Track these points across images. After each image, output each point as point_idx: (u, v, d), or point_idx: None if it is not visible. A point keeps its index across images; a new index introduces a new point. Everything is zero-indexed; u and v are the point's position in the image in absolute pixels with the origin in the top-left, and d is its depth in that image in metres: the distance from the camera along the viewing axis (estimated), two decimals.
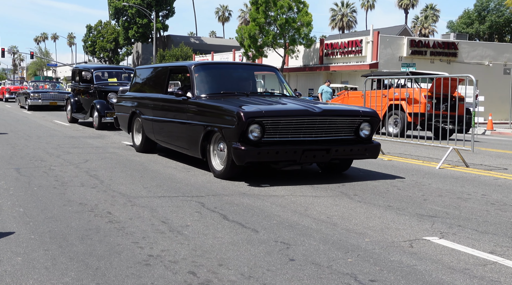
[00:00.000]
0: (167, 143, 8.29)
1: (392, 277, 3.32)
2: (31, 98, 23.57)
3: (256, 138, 6.18)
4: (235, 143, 6.21)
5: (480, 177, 7.52)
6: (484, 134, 19.30)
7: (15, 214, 4.72)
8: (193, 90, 7.54)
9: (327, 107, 6.81)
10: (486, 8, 52.96)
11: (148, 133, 8.93)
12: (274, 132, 6.32)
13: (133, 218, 4.63)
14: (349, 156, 6.82)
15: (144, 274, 3.27)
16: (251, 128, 6.15)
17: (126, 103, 10.00)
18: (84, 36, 69.82)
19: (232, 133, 6.22)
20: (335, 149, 6.52)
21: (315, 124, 6.46)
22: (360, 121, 6.77)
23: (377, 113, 7.00)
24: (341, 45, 32.74)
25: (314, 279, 3.25)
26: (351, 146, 6.70)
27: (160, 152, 9.31)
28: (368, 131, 6.84)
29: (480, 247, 3.99)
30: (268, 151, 6.17)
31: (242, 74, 8.66)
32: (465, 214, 5.11)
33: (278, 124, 6.29)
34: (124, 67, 17.50)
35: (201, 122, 6.99)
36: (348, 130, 6.79)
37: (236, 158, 6.19)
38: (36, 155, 8.71)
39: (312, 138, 6.49)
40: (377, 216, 4.93)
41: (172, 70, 8.77)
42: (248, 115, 6.09)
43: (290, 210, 5.10)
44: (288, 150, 6.24)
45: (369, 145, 6.87)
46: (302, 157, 6.33)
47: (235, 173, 6.58)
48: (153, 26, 52.00)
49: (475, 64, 31.77)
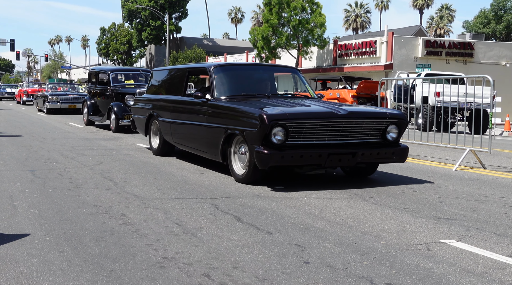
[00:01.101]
0: (186, 146, 8.16)
1: (409, 281, 3.27)
2: (49, 101, 22.86)
3: (279, 142, 6.01)
4: (257, 146, 6.04)
5: (498, 179, 7.41)
6: (501, 136, 19.05)
7: (31, 215, 4.75)
8: (213, 92, 7.38)
9: (353, 109, 6.62)
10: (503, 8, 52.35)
11: (166, 136, 8.80)
12: (298, 136, 6.14)
13: (147, 220, 4.63)
14: (376, 159, 6.60)
15: (159, 276, 3.26)
16: (275, 132, 5.98)
17: (143, 105, 9.85)
18: (98, 38, 70.41)
19: (255, 136, 6.07)
20: (361, 153, 6.30)
21: (341, 127, 6.28)
22: (387, 123, 6.57)
23: (404, 115, 6.79)
24: (355, 46, 32.58)
25: (329, 282, 3.22)
26: (377, 149, 6.49)
27: (178, 155, 9.23)
28: (395, 134, 6.64)
29: (499, 250, 3.92)
30: (292, 155, 5.98)
31: (262, 75, 8.44)
32: (482, 216, 5.03)
33: (302, 127, 6.12)
34: (141, 69, 17.47)
35: (222, 125, 6.84)
36: (374, 133, 6.58)
37: (259, 162, 6.02)
38: (51, 157, 8.77)
39: (337, 141, 6.31)
40: (392, 218, 4.88)
41: (191, 72, 8.64)
42: (272, 118, 5.92)
43: (304, 212, 5.06)
44: (313, 154, 6.05)
45: (396, 148, 6.65)
46: (327, 161, 6.13)
47: (257, 177, 6.40)
48: (166, 28, 52.27)
49: (491, 64, 31.40)
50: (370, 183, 6.78)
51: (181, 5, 58.49)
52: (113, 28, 68.96)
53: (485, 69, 28.58)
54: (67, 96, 23.35)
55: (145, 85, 15.61)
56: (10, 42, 47.22)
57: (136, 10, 57.98)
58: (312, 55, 34.51)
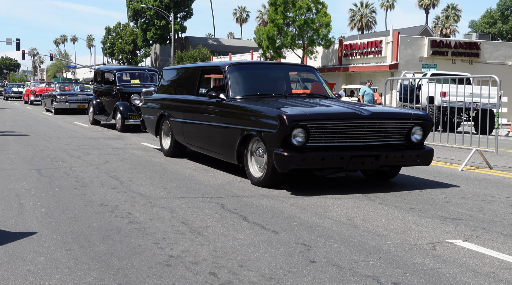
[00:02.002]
0: (199, 147, 7.91)
1: (415, 280, 3.26)
2: (57, 100, 21.98)
3: (300, 144, 5.76)
4: (277, 148, 5.79)
5: (504, 179, 7.38)
6: (508, 136, 18.97)
7: (37, 214, 4.78)
8: (228, 92, 7.14)
9: (376, 110, 6.39)
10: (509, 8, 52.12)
11: (178, 137, 8.53)
12: (319, 137, 5.90)
13: (153, 219, 4.64)
14: (400, 162, 6.31)
15: (165, 275, 3.27)
16: (295, 133, 5.73)
17: (153, 105, 9.56)
18: (103, 38, 70.60)
19: (274, 138, 5.82)
20: (385, 155, 6.03)
21: (364, 128, 6.03)
22: (411, 124, 6.32)
23: (430, 116, 6.55)
24: (360, 45, 32.53)
25: (335, 281, 3.22)
26: (401, 151, 6.22)
27: (189, 156, 9.04)
28: (420, 135, 6.39)
29: (506, 250, 3.91)
30: (313, 157, 5.72)
31: (278, 74, 8.14)
32: (489, 216, 5.01)
33: (324, 129, 5.87)
34: (147, 68, 17.46)
35: (238, 126, 6.60)
36: (398, 135, 6.32)
37: (279, 164, 5.77)
38: (57, 156, 8.81)
39: (360, 143, 6.06)
40: (398, 218, 4.87)
41: (204, 71, 8.36)
42: (292, 118, 5.67)
43: (310, 211, 5.06)
44: (334, 156, 5.79)
45: (421, 151, 6.37)
46: (349, 163, 5.87)
47: (275, 180, 6.17)
48: (171, 27, 52.35)
49: (498, 64, 31.29)
50: (375, 182, 6.77)
51: (186, 5, 58.57)
52: (118, 28, 69.12)
53: (491, 69, 28.49)
54: (76, 96, 22.54)
55: (150, 84, 15.63)
56: (16, 42, 47.40)
57: (141, 9, 58.10)
58: (317, 55, 34.49)
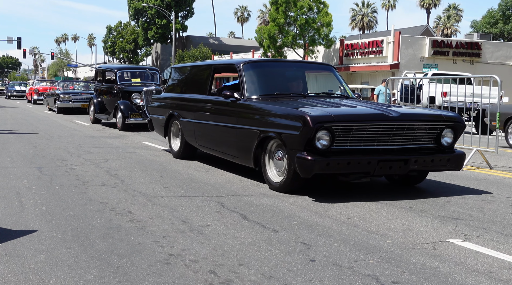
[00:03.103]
0: (211, 149, 7.52)
1: (414, 279, 3.27)
2: (60, 99, 21.30)
3: (324, 147, 5.39)
4: (299, 152, 5.42)
5: (505, 179, 7.38)
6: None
7: (38, 212, 4.78)
8: (243, 91, 6.78)
9: (405, 111, 5.99)
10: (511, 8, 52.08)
11: (189, 138, 8.14)
12: (344, 140, 5.53)
13: (153, 217, 4.65)
14: (429, 167, 5.94)
15: (165, 273, 3.28)
16: (319, 135, 5.36)
17: (162, 104, 9.18)
18: (104, 37, 70.63)
19: (296, 140, 5.46)
20: (414, 159, 5.66)
21: (392, 131, 5.66)
22: (442, 127, 5.95)
23: (461, 118, 6.20)
24: (361, 45, 32.52)
25: (335, 280, 3.22)
26: (431, 155, 5.85)
27: (200, 158, 8.62)
28: (450, 138, 6.02)
29: (505, 250, 3.91)
30: (338, 162, 5.37)
31: (295, 73, 7.77)
32: (489, 216, 5.02)
33: (350, 131, 5.50)
34: (148, 67, 17.45)
35: (255, 127, 6.22)
36: (428, 138, 5.95)
37: (302, 169, 5.40)
38: (58, 154, 8.82)
39: (387, 146, 5.70)
40: (398, 217, 4.87)
41: (217, 69, 7.96)
42: (316, 120, 5.30)
43: (310, 210, 5.07)
44: (361, 161, 5.44)
45: (451, 155, 5.97)
46: (376, 168, 5.51)
47: (296, 185, 5.82)
48: (172, 27, 52.36)
49: (499, 64, 31.28)
50: (375, 182, 6.77)
51: (187, 4, 58.58)
52: (119, 27, 69.15)
53: (492, 69, 28.49)
54: (79, 95, 21.86)
55: (151, 83, 15.62)
56: (17, 40, 47.42)
57: (142, 8, 58.13)
58: (318, 54, 34.51)
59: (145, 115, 14.17)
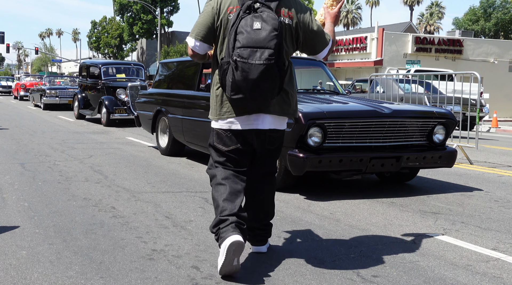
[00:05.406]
0: (200, 146, 7.39)
1: (394, 273, 3.33)
2: (46, 95, 20.80)
3: (316, 144, 5.33)
4: (291, 149, 5.35)
5: (484, 174, 7.51)
6: (489, 132, 19.24)
7: (20, 208, 4.76)
8: None
9: (397, 107, 5.98)
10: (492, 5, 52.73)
11: (176, 134, 8.08)
12: (337, 137, 5.47)
13: (137, 213, 4.65)
14: (421, 164, 5.90)
15: (148, 268, 3.29)
16: (311, 132, 5.29)
17: (149, 100, 9.12)
18: (89, 32, 69.90)
19: (288, 138, 5.24)
20: (406, 157, 5.62)
21: (384, 128, 5.62)
22: (434, 123, 5.91)
23: (453, 115, 6.16)
24: (345, 41, 32.67)
25: (316, 274, 3.27)
26: (423, 152, 5.81)
27: (188, 155, 8.58)
28: (442, 135, 5.99)
29: (483, 244, 3.99)
30: (330, 159, 5.30)
31: None
32: (468, 211, 5.11)
33: (342, 128, 5.44)
34: (133, 62, 17.36)
35: None
36: (420, 135, 5.93)
37: (293, 167, 5.33)
38: (41, 150, 8.75)
39: (380, 144, 5.66)
40: (380, 212, 4.94)
41: (205, 65, 7.80)
42: (309, 116, 5.22)
43: (293, 206, 5.11)
44: (353, 158, 5.39)
45: (443, 152, 5.95)
46: (368, 166, 5.48)
47: (288, 183, 5.77)
48: (157, 22, 52.03)
49: (480, 61, 31.67)
50: (362, 178, 6.83)
51: None
52: (104, 22, 68.46)
53: (473, 66, 28.86)
54: (66, 90, 21.29)
55: (136, 79, 15.57)
56: (0, 35, 46.72)
57: (127, 3, 57.62)
58: None
59: (130, 111, 14.17)
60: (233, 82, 3.12)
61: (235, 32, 3.09)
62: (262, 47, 3.04)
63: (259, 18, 3.08)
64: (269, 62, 3.04)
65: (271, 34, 3.05)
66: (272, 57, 3.05)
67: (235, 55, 3.06)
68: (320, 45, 3.44)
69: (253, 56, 3.03)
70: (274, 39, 3.06)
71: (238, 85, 3.11)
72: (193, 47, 3.34)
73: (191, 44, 3.34)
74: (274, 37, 3.05)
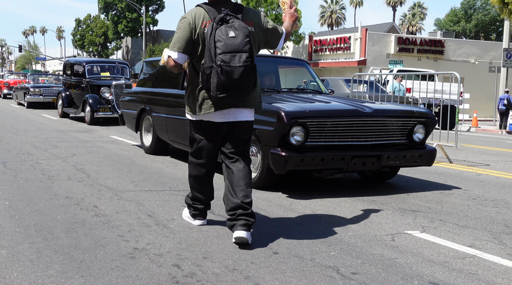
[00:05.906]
0: (183, 144, 7.31)
1: (373, 270, 3.39)
2: (30, 93, 20.47)
3: (298, 143, 5.37)
4: (273, 148, 5.39)
5: (463, 173, 7.64)
6: (469, 131, 19.52)
7: (0, 207, 4.73)
8: None
9: (378, 107, 6.04)
10: (472, 7, 53.44)
11: (160, 133, 8.06)
12: (319, 136, 5.52)
13: (119, 212, 4.65)
14: (401, 163, 5.96)
15: (129, 267, 3.31)
16: (293, 131, 5.33)
17: (133, 98, 9.08)
18: (73, 30, 69.26)
19: (270, 136, 5.42)
20: (387, 155, 5.68)
21: (366, 127, 5.68)
22: (414, 123, 5.99)
23: (433, 114, 6.25)
24: (329, 41, 32.85)
25: (297, 272, 3.31)
26: (403, 151, 5.88)
27: (172, 154, 8.57)
28: (422, 134, 6.05)
29: (460, 241, 4.08)
30: (312, 158, 5.36)
31: (269, 68, 7.60)
32: (446, 208, 5.21)
33: (324, 127, 5.49)
34: (117, 61, 17.26)
35: None
36: (400, 134, 5.99)
37: (276, 165, 5.37)
38: (23, 149, 8.67)
39: (361, 142, 5.72)
40: (360, 210, 5.01)
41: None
42: (291, 115, 5.26)
43: (275, 204, 5.16)
44: (335, 157, 5.43)
45: (423, 151, 6.03)
46: (350, 164, 5.52)
47: (270, 182, 5.80)
48: (142, 20, 51.72)
49: (461, 62, 32.09)
50: (344, 176, 6.91)
51: None
52: (88, 20, 67.91)
53: (455, 67, 29.22)
54: (50, 88, 20.96)
55: (121, 77, 15.50)
56: None
57: (112, 1, 57.18)
58: (287, 50, 34.68)
59: (114, 110, 14.09)
60: (218, 83, 3.63)
61: (214, 41, 3.62)
62: (240, 51, 3.61)
63: (232, 27, 3.66)
64: (246, 64, 3.63)
65: (244, 40, 3.64)
66: (248, 59, 3.64)
67: (218, 60, 3.59)
68: (276, 39, 4.10)
69: (233, 60, 3.60)
70: (248, 44, 3.65)
71: (224, 85, 3.63)
72: (176, 59, 3.84)
73: (175, 56, 3.84)
74: (247, 43, 3.65)
